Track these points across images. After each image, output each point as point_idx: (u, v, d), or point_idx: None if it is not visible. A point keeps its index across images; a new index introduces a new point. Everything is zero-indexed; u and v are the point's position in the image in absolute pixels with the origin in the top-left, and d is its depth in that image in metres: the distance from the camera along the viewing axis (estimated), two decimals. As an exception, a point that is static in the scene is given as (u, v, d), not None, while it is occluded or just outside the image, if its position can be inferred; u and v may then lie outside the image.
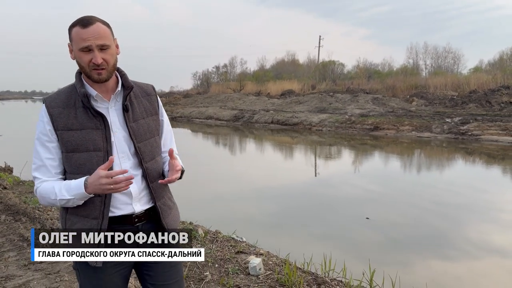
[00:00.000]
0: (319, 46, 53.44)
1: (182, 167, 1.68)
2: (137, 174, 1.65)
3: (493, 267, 5.01)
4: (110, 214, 1.60)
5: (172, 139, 1.85)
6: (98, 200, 1.58)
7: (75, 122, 1.57)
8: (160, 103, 1.81)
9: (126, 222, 1.64)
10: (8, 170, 9.16)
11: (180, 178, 1.68)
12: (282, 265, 3.44)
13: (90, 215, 1.59)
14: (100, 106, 1.62)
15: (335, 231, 6.17)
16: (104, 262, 1.61)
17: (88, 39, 1.51)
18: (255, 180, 10.16)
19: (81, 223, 1.60)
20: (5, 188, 6.74)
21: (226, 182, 9.88)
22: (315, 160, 14.68)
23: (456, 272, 4.80)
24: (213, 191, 8.71)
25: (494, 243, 5.80)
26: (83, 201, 1.56)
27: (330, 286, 3.21)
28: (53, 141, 1.59)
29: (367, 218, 6.88)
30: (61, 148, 1.60)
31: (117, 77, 1.68)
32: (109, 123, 1.61)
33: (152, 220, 1.71)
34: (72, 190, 1.53)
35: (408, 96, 32.48)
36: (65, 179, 1.62)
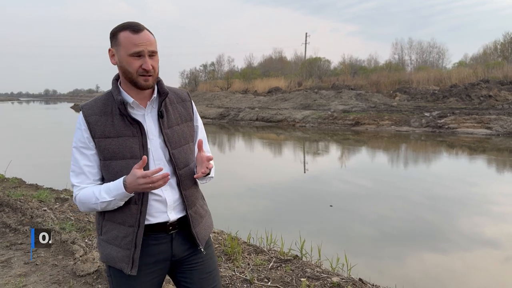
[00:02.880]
0: (305, 43, 54.09)
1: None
2: (172, 181, 1.64)
3: (484, 259, 5.05)
4: (146, 222, 1.59)
5: (206, 144, 1.80)
6: (135, 208, 1.57)
7: (112, 129, 1.56)
8: (195, 109, 1.80)
9: (161, 230, 1.63)
10: (-8, 169, 9.58)
11: (208, 174, 1.69)
12: (232, 241, 3.99)
13: (126, 222, 1.58)
14: (136, 113, 1.61)
15: (329, 229, 6.15)
16: (138, 271, 1.60)
17: (140, 45, 1.51)
18: (238, 176, 10.65)
19: (117, 230, 1.59)
20: (-12, 184, 7.19)
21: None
22: (300, 156, 15.21)
23: (448, 264, 4.84)
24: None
25: (485, 235, 5.85)
26: (123, 202, 1.55)
27: (266, 253, 3.77)
28: (91, 149, 1.58)
29: (331, 206, 7.41)
30: (99, 156, 1.59)
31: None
32: (146, 130, 1.60)
33: (185, 228, 1.70)
34: (112, 191, 1.52)
35: (391, 92, 33.18)
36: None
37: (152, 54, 1.55)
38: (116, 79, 1.65)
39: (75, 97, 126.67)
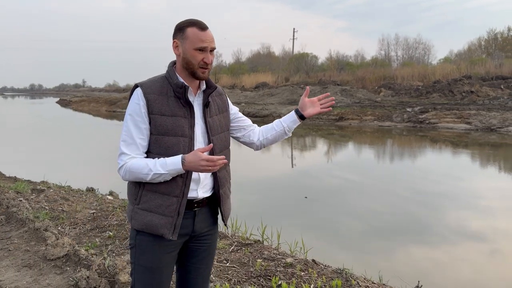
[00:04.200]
0: (293, 39, 54.27)
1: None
2: None
3: (470, 252, 5.15)
4: None
5: (246, 119, 2.09)
6: (180, 181, 1.72)
7: (168, 109, 1.72)
8: (229, 101, 2.01)
9: (187, 207, 1.77)
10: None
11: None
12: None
13: (172, 193, 1.71)
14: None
15: (319, 223, 6.20)
16: (162, 242, 1.76)
17: (206, 41, 1.71)
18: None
19: (160, 199, 1.71)
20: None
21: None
22: (283, 150, 15.46)
23: (435, 257, 4.92)
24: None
25: (471, 228, 5.97)
26: (172, 177, 1.69)
27: (229, 238, 3.99)
28: (146, 123, 1.71)
29: (306, 197, 7.66)
30: (152, 131, 1.72)
31: None
32: (195, 114, 1.78)
33: (209, 207, 1.86)
34: (168, 166, 1.65)
35: (376, 87, 33.62)
36: (147, 157, 1.75)
37: (212, 50, 1.76)
38: (173, 65, 1.82)
39: (61, 92, 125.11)
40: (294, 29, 54.34)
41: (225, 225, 1.98)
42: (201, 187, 1.79)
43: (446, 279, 4.39)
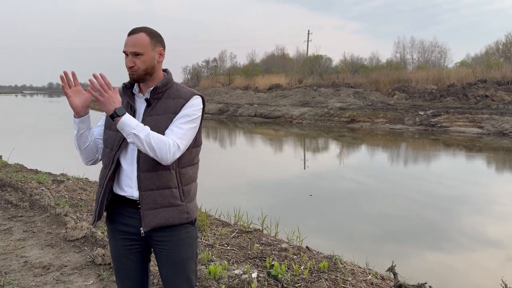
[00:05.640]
0: (307, 41, 54.43)
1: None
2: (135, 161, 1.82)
3: (485, 258, 5.06)
4: (118, 192, 1.89)
5: (174, 128, 1.79)
6: (105, 171, 1.89)
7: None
8: (189, 107, 1.83)
9: (131, 205, 1.86)
10: (-4, 156, 10.23)
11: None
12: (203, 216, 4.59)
13: (100, 181, 1.94)
14: (136, 99, 1.90)
15: (331, 225, 6.26)
16: (113, 234, 1.96)
17: (125, 45, 1.84)
18: (232, 168, 11.20)
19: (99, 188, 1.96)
20: (-7, 169, 7.80)
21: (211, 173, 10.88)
22: (296, 151, 15.76)
23: (450, 262, 4.87)
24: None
25: (487, 234, 5.87)
26: (76, 129, 1.85)
27: (232, 226, 4.35)
28: (103, 117, 1.96)
29: (310, 195, 7.97)
30: (104, 124, 1.95)
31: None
32: (136, 111, 1.86)
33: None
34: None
35: (390, 90, 33.63)
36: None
37: (136, 54, 1.79)
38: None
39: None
40: (308, 31, 54.56)
41: (142, 233, 1.82)
42: (135, 186, 1.81)
43: (460, 287, 4.35)
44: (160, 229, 1.80)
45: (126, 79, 1.91)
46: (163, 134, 1.76)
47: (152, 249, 1.95)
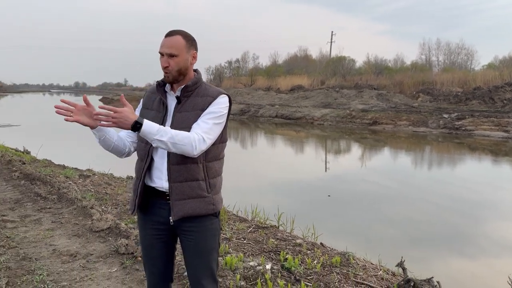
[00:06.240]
0: (331, 42, 54.14)
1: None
2: (165, 154, 1.92)
3: (510, 264, 4.88)
4: (149, 184, 2.00)
5: (200, 123, 1.89)
6: (141, 164, 2.01)
7: (151, 104, 2.05)
8: (216, 105, 1.94)
9: (161, 197, 1.97)
10: (26, 152, 10.69)
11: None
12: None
13: (137, 173, 2.06)
14: (168, 96, 2.03)
15: (347, 225, 6.26)
16: (144, 224, 2.09)
17: (162, 47, 1.94)
18: (253, 168, 11.34)
19: (134, 179, 2.10)
20: (24, 163, 8.18)
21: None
22: (317, 152, 15.80)
23: (473, 269, 4.77)
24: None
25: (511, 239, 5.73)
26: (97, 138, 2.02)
27: (249, 222, 4.50)
28: (138, 113, 2.02)
29: (329, 196, 8.02)
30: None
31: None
32: (168, 108, 1.99)
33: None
34: None
35: (414, 92, 33.15)
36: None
37: (172, 56, 1.90)
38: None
39: (104, 90, 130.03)
40: (332, 32, 54.29)
41: (171, 222, 1.93)
42: (165, 178, 1.92)
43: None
44: (187, 220, 1.92)
45: (155, 78, 2.07)
46: (188, 129, 1.87)
47: (178, 238, 2.07)
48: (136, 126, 1.74)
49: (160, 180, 1.94)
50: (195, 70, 2.04)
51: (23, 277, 3.30)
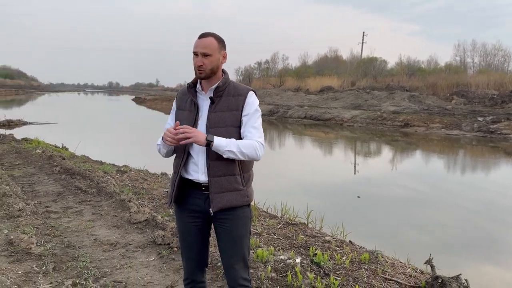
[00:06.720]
0: (362, 43, 53.44)
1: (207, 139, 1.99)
2: (204, 151, 2.07)
3: None
4: (185, 176, 2.16)
5: (250, 128, 2.08)
6: (178, 161, 2.18)
7: (183, 104, 2.21)
8: (249, 102, 2.12)
9: (197, 188, 2.13)
10: (64, 148, 11.23)
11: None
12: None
13: (175, 169, 2.22)
14: (199, 96, 2.18)
15: (377, 226, 6.25)
16: (182, 212, 2.24)
17: (196, 47, 2.10)
18: (287, 173, 11.44)
19: (173, 174, 2.25)
20: (63, 158, 8.61)
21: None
22: (349, 155, 15.75)
23: (504, 275, 4.68)
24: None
25: None
26: (166, 149, 2.19)
27: (278, 219, 4.62)
28: (173, 114, 2.28)
29: (358, 197, 8.02)
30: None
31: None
32: (199, 108, 2.14)
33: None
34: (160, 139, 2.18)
35: (448, 95, 32.36)
36: None
37: (206, 55, 2.06)
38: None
39: (136, 90, 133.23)
40: (363, 32, 53.56)
41: (211, 213, 2.08)
42: (202, 172, 2.09)
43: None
44: (223, 210, 2.08)
45: (185, 79, 2.23)
46: (228, 127, 2.08)
47: (212, 226, 2.23)
48: (208, 144, 1.99)
49: (196, 173, 2.11)
50: (222, 70, 2.20)
51: (67, 263, 3.54)
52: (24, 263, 3.51)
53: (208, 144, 1.98)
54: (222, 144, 1.99)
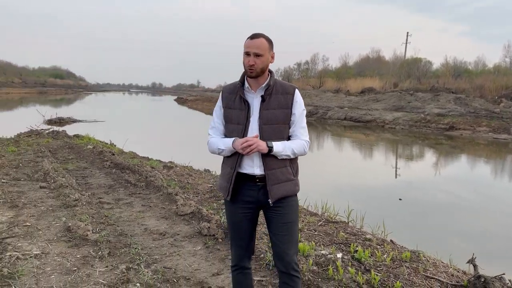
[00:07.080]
0: (406, 43, 52.06)
1: (269, 147, 2.18)
2: None
3: None
4: (240, 170, 2.28)
5: (299, 129, 2.30)
6: (235, 157, 2.27)
7: (232, 103, 2.31)
8: (297, 100, 2.29)
9: (251, 180, 2.27)
10: (113, 145, 11.81)
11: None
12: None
13: (231, 165, 2.30)
14: (247, 95, 2.31)
15: (418, 229, 6.22)
16: (235, 203, 2.36)
17: (248, 47, 2.23)
18: (324, 176, 11.47)
19: (226, 169, 2.34)
20: (113, 154, 9.08)
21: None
22: (390, 158, 15.53)
23: None
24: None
25: None
26: (231, 153, 2.26)
27: (319, 216, 4.71)
28: (221, 114, 2.36)
29: (400, 199, 7.93)
30: (223, 119, 2.35)
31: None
32: (250, 106, 2.27)
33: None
34: (225, 144, 2.26)
35: (496, 97, 31.00)
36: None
37: (258, 55, 2.20)
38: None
39: (178, 91, 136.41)
40: (407, 33, 52.16)
41: (270, 203, 2.24)
42: (257, 166, 2.24)
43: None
44: (279, 199, 2.25)
45: (225, 80, 2.35)
46: (280, 124, 2.25)
47: (258, 216, 2.39)
48: (270, 150, 2.19)
49: (251, 167, 2.25)
50: (269, 70, 2.33)
51: (121, 249, 3.81)
52: (82, 248, 3.81)
53: (270, 150, 2.17)
54: (279, 149, 2.20)
